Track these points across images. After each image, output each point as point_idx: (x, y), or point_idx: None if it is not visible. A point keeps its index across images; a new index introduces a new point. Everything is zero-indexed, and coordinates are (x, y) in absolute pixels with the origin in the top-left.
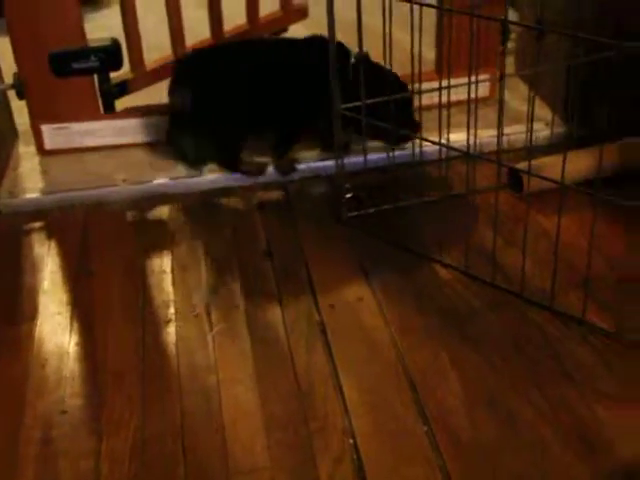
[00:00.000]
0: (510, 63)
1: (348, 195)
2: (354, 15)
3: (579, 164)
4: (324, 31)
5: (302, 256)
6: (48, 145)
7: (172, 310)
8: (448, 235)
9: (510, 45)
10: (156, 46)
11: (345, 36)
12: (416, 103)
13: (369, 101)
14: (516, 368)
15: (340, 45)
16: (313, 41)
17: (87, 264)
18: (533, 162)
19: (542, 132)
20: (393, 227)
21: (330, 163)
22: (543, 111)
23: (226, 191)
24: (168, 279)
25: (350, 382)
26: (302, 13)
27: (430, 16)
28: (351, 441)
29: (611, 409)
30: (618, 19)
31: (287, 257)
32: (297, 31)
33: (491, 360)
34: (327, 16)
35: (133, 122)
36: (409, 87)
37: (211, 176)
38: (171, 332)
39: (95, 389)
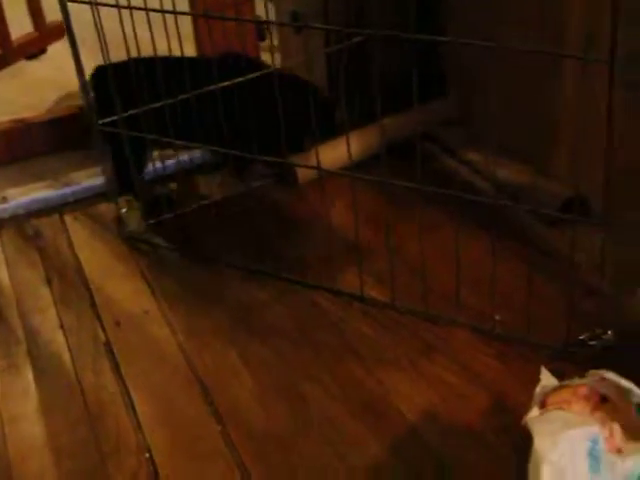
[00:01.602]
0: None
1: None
2: (108, 25)
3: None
4: (87, 49)
5: (83, 278)
6: None
7: None
8: (228, 235)
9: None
10: None
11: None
12: None
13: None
14: (305, 354)
15: (250, 60)
16: (227, 58)
17: None
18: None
19: None
20: (175, 235)
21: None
22: None
23: None
24: None
25: (141, 396)
26: (59, 32)
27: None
28: (147, 455)
29: (393, 375)
30: (359, 7)
31: (67, 281)
32: (58, 51)
33: (280, 350)
34: (67, 33)
35: None
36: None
37: None
38: None
39: None
